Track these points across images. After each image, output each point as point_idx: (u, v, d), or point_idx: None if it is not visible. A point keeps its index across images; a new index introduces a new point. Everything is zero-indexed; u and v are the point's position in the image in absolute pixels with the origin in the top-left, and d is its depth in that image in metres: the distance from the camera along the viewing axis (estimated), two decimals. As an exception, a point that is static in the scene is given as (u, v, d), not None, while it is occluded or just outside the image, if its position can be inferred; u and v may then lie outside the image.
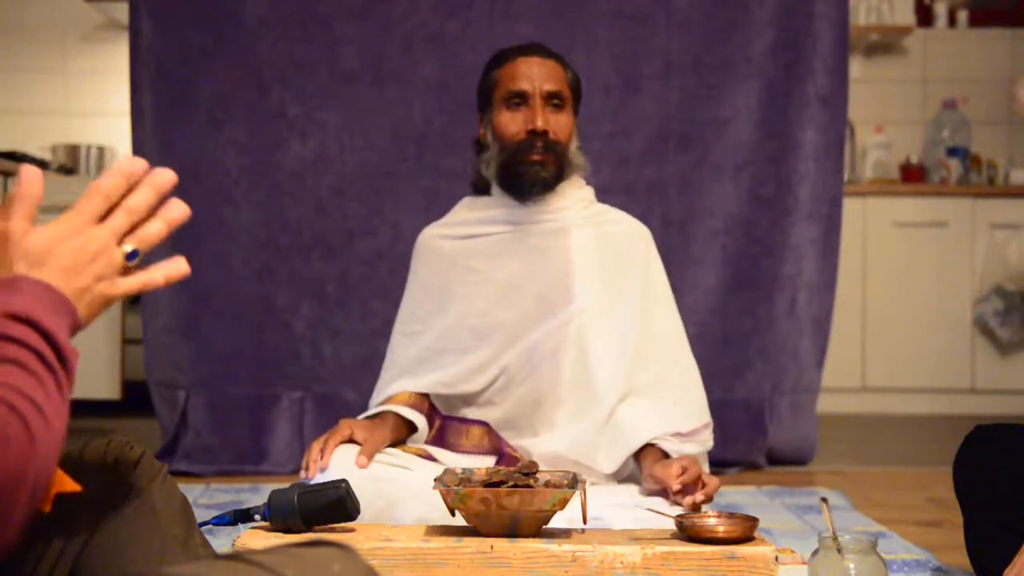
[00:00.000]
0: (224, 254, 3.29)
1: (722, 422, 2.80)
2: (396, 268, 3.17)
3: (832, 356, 3.70)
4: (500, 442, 2.24)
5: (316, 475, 1.99)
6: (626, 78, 3.36)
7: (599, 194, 2.41)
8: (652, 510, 1.84)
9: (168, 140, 3.30)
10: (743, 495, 2.87)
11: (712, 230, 3.36)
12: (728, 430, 3.18)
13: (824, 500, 1.61)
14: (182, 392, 3.30)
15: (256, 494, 2.81)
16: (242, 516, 1.72)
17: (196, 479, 3.09)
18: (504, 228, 2.31)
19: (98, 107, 5.18)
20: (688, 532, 1.68)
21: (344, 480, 1.71)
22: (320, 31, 3.32)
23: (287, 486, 1.73)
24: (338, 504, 1.69)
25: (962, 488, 1.82)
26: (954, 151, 5.10)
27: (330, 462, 2.01)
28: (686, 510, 1.90)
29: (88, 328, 0.98)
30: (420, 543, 1.65)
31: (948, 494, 1.95)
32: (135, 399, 4.06)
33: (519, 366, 2.24)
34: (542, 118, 2.22)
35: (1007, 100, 5.35)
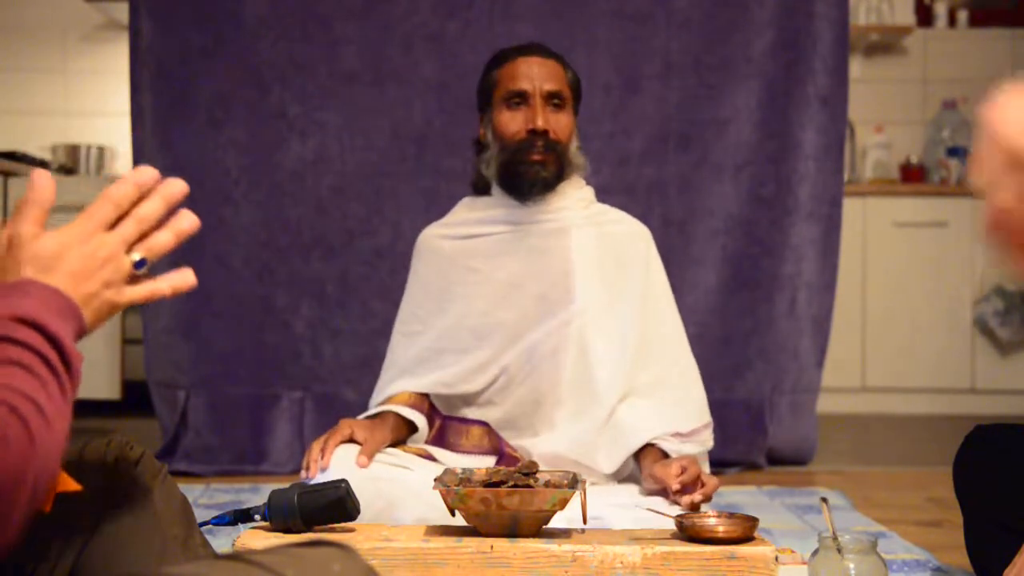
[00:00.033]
0: (224, 254, 3.28)
1: (722, 422, 2.80)
2: (396, 268, 3.17)
3: (832, 356, 3.70)
4: (500, 442, 2.24)
5: (317, 475, 1.99)
6: (626, 78, 3.36)
7: (599, 194, 2.41)
8: (652, 510, 1.83)
9: (168, 140, 3.30)
10: (743, 495, 2.87)
11: (712, 230, 3.36)
12: (728, 430, 3.18)
13: (824, 500, 1.61)
14: (182, 392, 3.30)
15: (256, 494, 2.81)
16: (242, 516, 1.72)
17: (196, 479, 3.09)
18: (504, 228, 2.31)
19: (98, 107, 5.18)
20: (688, 532, 1.68)
21: (344, 480, 1.71)
22: (320, 31, 3.32)
23: (287, 486, 1.73)
24: (338, 504, 1.69)
25: (962, 488, 1.82)
26: (954, 151, 5.10)
27: (330, 462, 2.01)
28: (685, 509, 1.90)
29: (89, 329, 0.98)
30: (420, 543, 1.65)
31: (948, 494, 1.94)
32: (135, 399, 4.06)
33: (519, 366, 2.24)
34: (542, 118, 2.22)
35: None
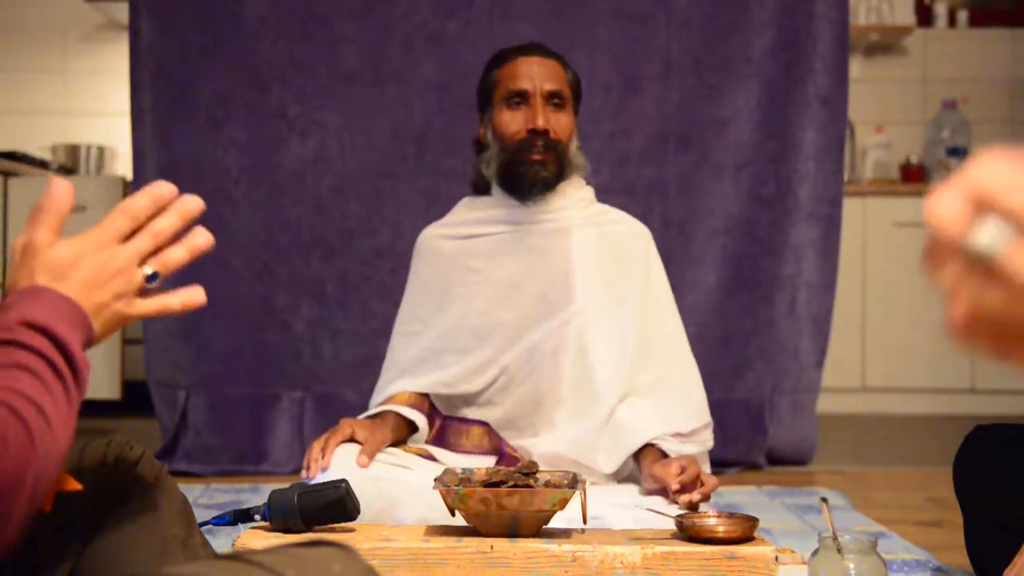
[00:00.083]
0: (224, 254, 3.28)
1: (722, 422, 2.80)
2: (396, 268, 3.17)
3: (832, 356, 3.70)
4: (500, 442, 2.24)
5: (317, 474, 1.99)
6: (626, 78, 3.36)
7: (599, 194, 2.41)
8: (652, 510, 1.83)
9: (168, 140, 3.30)
10: (743, 495, 2.87)
11: (712, 230, 3.36)
12: (728, 430, 3.18)
13: (824, 500, 1.61)
14: (182, 392, 3.30)
15: (256, 494, 2.81)
16: (242, 516, 1.72)
17: (196, 479, 3.08)
18: (504, 228, 2.31)
19: (98, 107, 5.18)
20: (688, 532, 1.68)
21: (344, 480, 1.71)
22: (320, 31, 3.32)
23: (287, 486, 1.73)
24: (338, 504, 1.69)
25: (962, 488, 1.82)
26: (954, 151, 5.10)
27: (331, 461, 2.01)
28: (684, 509, 1.90)
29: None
30: (420, 543, 1.65)
31: (948, 494, 1.94)
32: (135, 399, 4.06)
33: (519, 366, 2.24)
34: (543, 117, 2.22)
35: (1007, 100, 5.34)
